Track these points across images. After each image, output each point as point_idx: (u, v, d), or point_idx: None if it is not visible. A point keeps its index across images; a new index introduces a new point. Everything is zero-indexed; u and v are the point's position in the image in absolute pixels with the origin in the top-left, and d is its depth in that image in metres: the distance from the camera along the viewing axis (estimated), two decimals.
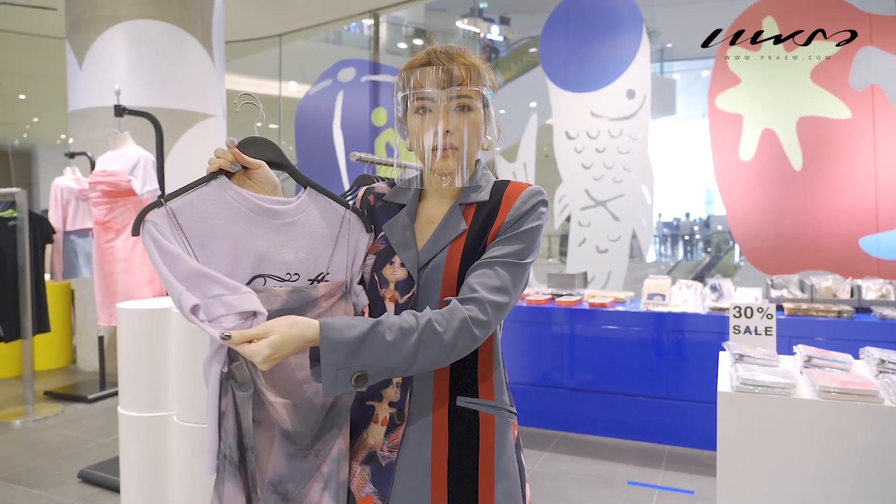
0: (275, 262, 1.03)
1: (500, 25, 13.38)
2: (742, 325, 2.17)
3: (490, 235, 1.05)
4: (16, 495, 2.89)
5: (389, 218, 1.12)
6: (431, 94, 1.02)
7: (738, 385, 1.75)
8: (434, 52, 1.05)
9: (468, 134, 1.04)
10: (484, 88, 1.05)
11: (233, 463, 1.01)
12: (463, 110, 1.04)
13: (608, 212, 5.22)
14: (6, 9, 6.83)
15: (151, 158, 3.16)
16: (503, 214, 1.05)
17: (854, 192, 4.42)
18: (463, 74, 1.02)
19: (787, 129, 4.63)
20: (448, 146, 1.03)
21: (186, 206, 1.00)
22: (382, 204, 1.16)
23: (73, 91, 5.17)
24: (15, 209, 3.97)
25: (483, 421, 1.04)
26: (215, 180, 1.02)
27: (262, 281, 1.03)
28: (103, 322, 3.31)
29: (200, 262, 0.98)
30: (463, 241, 1.05)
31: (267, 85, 9.91)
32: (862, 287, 3.28)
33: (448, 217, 1.08)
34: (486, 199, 1.07)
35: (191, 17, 5.20)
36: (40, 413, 4.04)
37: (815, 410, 1.67)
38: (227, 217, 1.01)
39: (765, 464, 1.72)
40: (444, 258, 1.04)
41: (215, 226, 1.00)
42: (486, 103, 1.07)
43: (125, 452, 2.67)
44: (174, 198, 1.00)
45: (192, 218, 0.99)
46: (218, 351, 1.00)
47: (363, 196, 1.19)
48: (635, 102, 5.15)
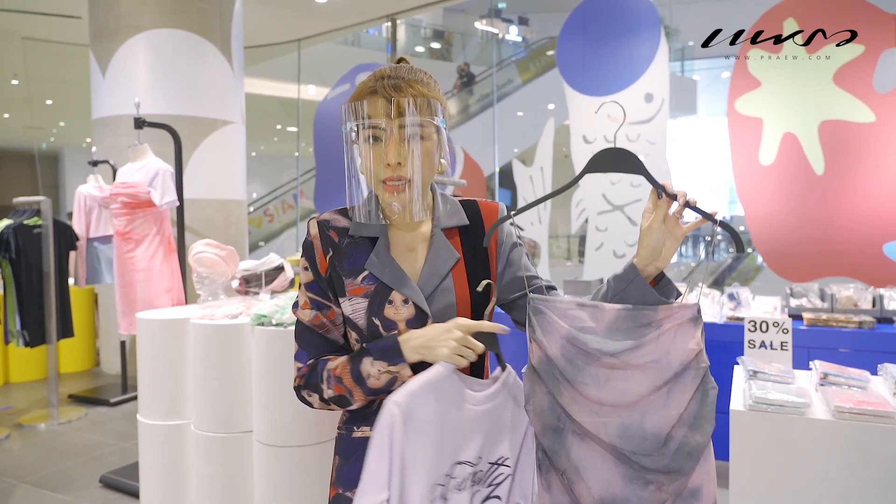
0: (471, 448, 1.01)
1: (519, 26, 13.31)
2: (757, 340, 2.14)
3: (490, 259, 1.10)
4: (41, 499, 2.96)
5: (359, 253, 1.08)
6: (379, 124, 1.00)
7: (752, 403, 1.73)
8: (382, 79, 1.01)
9: (420, 164, 1.01)
10: (435, 118, 1.02)
11: (544, 465, 1.02)
12: (414, 139, 1.00)
13: (625, 216, 5.19)
14: (35, 18, 7.00)
15: (170, 170, 3.21)
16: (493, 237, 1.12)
17: (878, 197, 4.33)
18: (412, 105, 0.99)
19: (809, 133, 4.55)
20: (398, 178, 1.01)
21: (415, 397, 0.97)
22: (350, 239, 1.09)
23: (96, 99, 5.28)
24: (40, 217, 4.07)
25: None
26: (444, 369, 0.99)
27: (458, 468, 1.00)
28: (124, 331, 3.37)
29: (406, 454, 0.96)
30: (462, 267, 1.07)
31: (286, 88, 10.01)
32: (884, 296, 3.21)
33: (436, 245, 1.08)
34: (465, 222, 1.11)
35: (210, 26, 5.28)
36: (64, 416, 4.14)
37: (829, 430, 1.64)
38: (441, 408, 0.98)
39: (778, 483, 1.70)
40: (451, 286, 1.06)
41: (430, 420, 0.98)
42: (438, 129, 1.04)
43: (144, 459, 2.73)
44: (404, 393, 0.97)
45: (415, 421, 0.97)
46: None
47: (320, 233, 1.10)
48: (653, 106, 5.11)
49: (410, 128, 0.99)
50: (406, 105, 0.98)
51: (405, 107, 0.98)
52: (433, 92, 1.04)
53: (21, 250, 3.97)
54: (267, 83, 10.32)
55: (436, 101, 1.03)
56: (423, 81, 1.03)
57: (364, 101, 1.00)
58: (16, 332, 4.04)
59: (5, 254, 3.95)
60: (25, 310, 4.00)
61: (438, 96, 1.04)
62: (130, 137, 4.89)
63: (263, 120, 12.22)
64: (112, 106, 5.12)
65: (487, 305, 1.10)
